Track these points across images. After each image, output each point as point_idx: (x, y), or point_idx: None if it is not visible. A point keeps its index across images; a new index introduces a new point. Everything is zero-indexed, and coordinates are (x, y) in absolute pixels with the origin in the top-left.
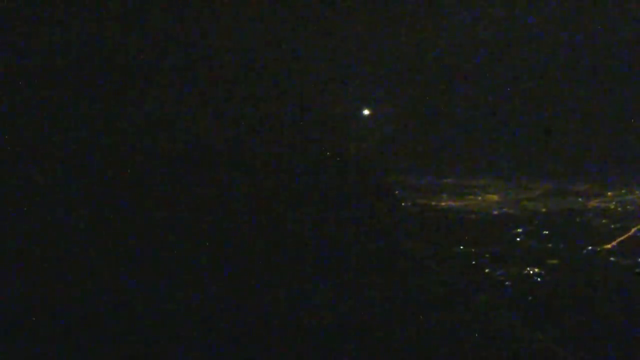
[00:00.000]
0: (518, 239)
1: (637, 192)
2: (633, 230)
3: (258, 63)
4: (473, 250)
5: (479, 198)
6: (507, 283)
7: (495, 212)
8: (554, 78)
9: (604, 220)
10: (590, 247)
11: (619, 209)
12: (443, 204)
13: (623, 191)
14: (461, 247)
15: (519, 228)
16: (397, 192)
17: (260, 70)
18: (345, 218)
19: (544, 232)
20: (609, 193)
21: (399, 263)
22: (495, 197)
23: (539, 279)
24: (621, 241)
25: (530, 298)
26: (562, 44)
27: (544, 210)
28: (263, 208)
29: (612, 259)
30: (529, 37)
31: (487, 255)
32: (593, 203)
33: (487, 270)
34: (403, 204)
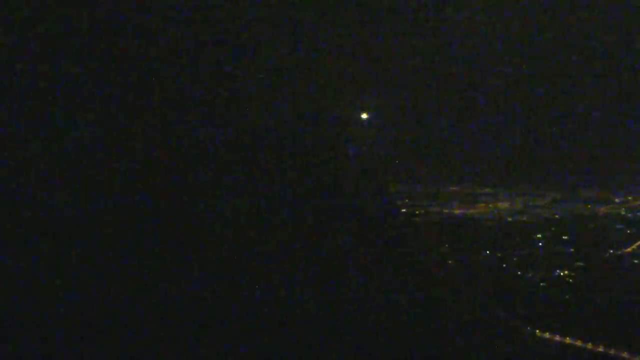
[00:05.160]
0: (540, 244)
1: None
2: None
3: (257, 66)
4: (499, 255)
5: (490, 205)
6: (542, 284)
7: (510, 219)
8: (561, 87)
9: (618, 226)
10: (611, 251)
11: (629, 215)
12: (456, 211)
13: (629, 198)
14: (487, 252)
15: (538, 234)
16: (406, 200)
17: (260, 74)
18: (364, 228)
19: (563, 237)
20: (616, 200)
21: (430, 268)
22: (506, 205)
23: (570, 280)
24: None
25: (567, 297)
26: (571, 53)
27: (557, 216)
28: (271, 211)
29: (635, 261)
30: (537, 45)
31: (514, 260)
32: (603, 209)
33: (519, 273)
34: (417, 212)
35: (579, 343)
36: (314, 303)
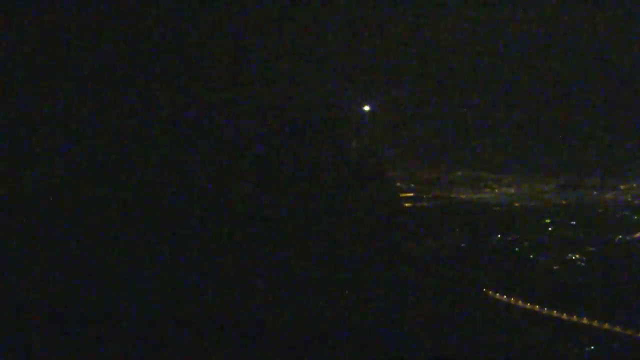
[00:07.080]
0: (549, 229)
1: None
2: None
3: (258, 63)
4: (510, 239)
5: (496, 191)
6: (555, 267)
7: (517, 204)
8: (563, 75)
9: (625, 212)
10: (620, 236)
11: (636, 201)
12: (463, 196)
13: (634, 185)
14: (499, 236)
15: (547, 219)
16: (412, 184)
17: (262, 70)
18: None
19: (572, 222)
20: (622, 186)
21: (444, 251)
22: (512, 190)
23: (582, 264)
24: None
25: (580, 279)
26: (571, 43)
27: (564, 202)
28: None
29: None
30: (543, 32)
31: (526, 244)
32: (609, 196)
33: (531, 256)
34: (424, 196)
35: (595, 324)
36: (316, 294)
